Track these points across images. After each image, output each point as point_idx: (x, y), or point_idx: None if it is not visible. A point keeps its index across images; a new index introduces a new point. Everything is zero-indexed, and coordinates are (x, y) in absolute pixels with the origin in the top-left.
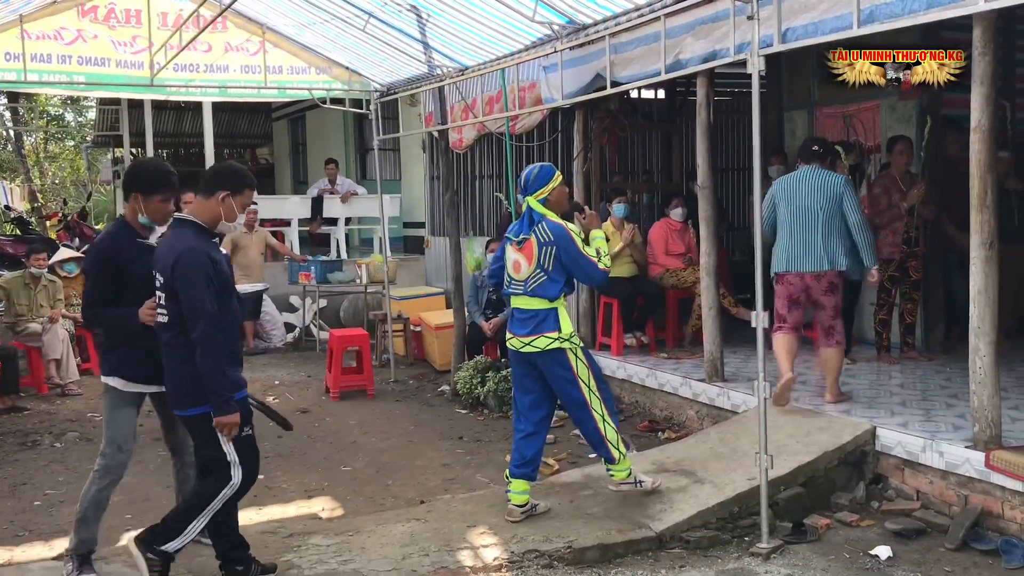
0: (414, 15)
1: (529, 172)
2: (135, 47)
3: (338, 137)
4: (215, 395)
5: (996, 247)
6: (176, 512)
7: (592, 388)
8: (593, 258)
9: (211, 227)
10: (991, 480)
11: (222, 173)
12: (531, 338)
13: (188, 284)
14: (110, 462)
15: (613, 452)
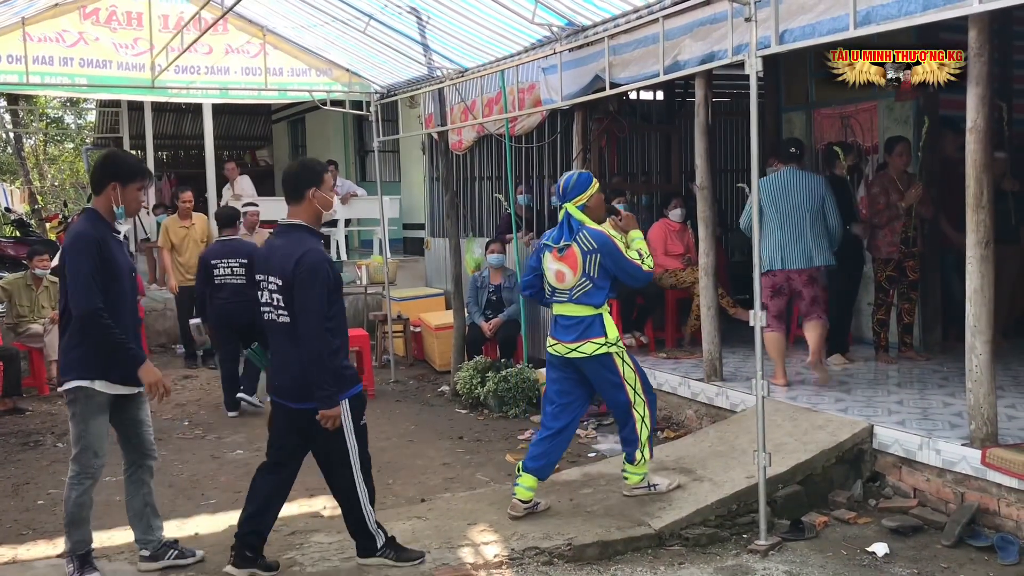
0: (414, 17)
1: (568, 179)
2: (136, 49)
3: (338, 139)
4: (319, 390)
5: (992, 246)
6: (351, 522)
7: (638, 391)
8: (637, 261)
9: (317, 225)
10: (987, 477)
11: (299, 174)
12: (577, 344)
13: (308, 283)
14: (86, 468)
15: (638, 454)
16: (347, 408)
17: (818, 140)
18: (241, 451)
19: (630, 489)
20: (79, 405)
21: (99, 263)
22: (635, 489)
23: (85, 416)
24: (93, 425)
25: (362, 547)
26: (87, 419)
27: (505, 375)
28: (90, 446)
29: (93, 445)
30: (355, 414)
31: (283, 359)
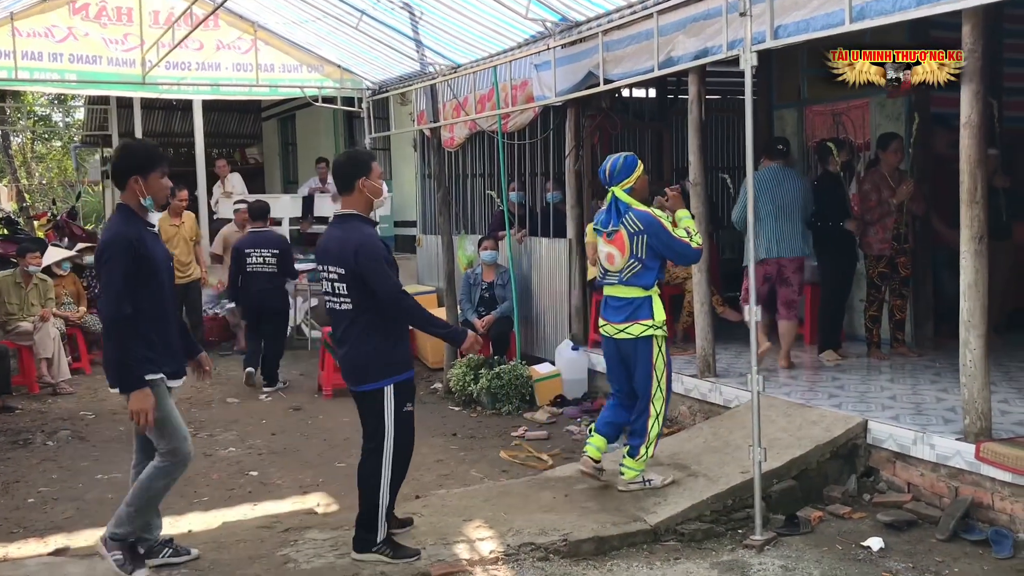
0: (407, 13)
1: (614, 163)
2: (127, 45)
3: (328, 136)
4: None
5: (986, 241)
6: (362, 511)
7: (661, 385)
8: (685, 239)
9: (368, 213)
10: (981, 472)
11: (347, 166)
12: (626, 325)
13: (374, 269)
14: (180, 456)
15: (643, 450)
16: (391, 392)
17: (809, 137)
18: (233, 448)
19: (625, 484)
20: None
21: (134, 264)
22: (631, 484)
23: (161, 408)
24: (172, 412)
25: (359, 539)
26: (164, 409)
27: (498, 372)
28: (176, 431)
29: (180, 429)
30: (399, 399)
31: (342, 344)
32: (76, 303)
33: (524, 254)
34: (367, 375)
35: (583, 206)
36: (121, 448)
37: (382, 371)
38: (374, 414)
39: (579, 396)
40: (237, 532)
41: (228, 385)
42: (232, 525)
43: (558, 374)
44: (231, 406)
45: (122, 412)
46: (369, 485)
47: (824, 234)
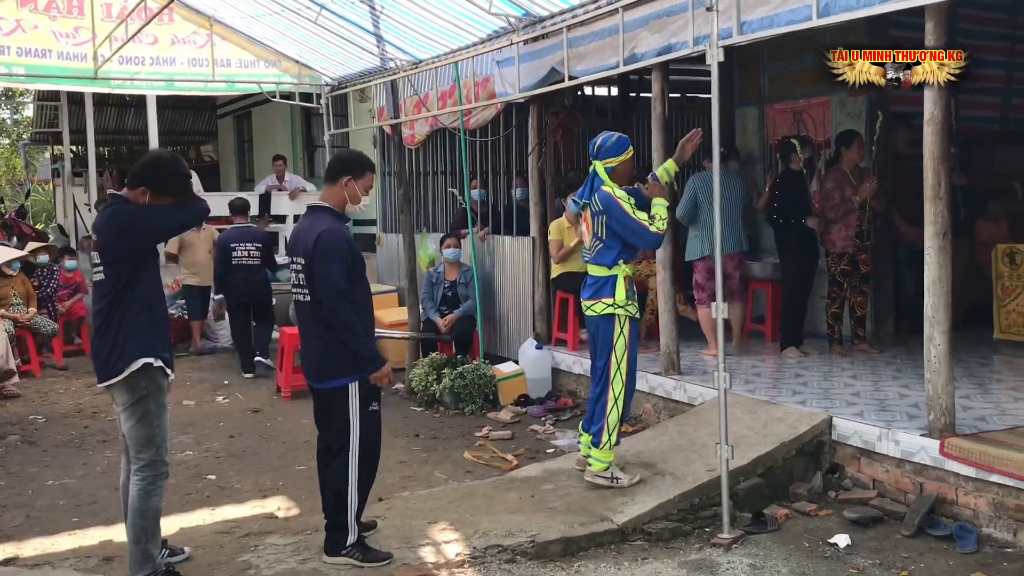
0: (367, 7)
1: (605, 139)
2: (78, 39)
3: (285, 134)
4: (360, 355)
5: (950, 237)
6: (329, 513)
7: (621, 368)
8: (644, 222)
9: (341, 210)
10: (945, 467)
11: (343, 160)
12: (591, 302)
13: (324, 261)
14: (161, 468)
15: (604, 436)
16: (355, 390)
17: (771, 135)
18: (190, 452)
19: (592, 475)
20: (150, 402)
21: None
22: (598, 476)
23: (158, 412)
24: (164, 420)
25: (329, 542)
26: (160, 415)
27: (461, 371)
28: (164, 443)
29: (166, 442)
30: (364, 398)
31: (305, 338)
32: (26, 304)
33: (487, 252)
34: (329, 371)
35: (547, 204)
36: (73, 453)
37: (345, 367)
38: (338, 413)
39: (543, 395)
40: (195, 538)
41: (184, 387)
42: (190, 531)
43: (522, 373)
44: (187, 408)
45: (74, 416)
46: (337, 487)
47: (786, 231)
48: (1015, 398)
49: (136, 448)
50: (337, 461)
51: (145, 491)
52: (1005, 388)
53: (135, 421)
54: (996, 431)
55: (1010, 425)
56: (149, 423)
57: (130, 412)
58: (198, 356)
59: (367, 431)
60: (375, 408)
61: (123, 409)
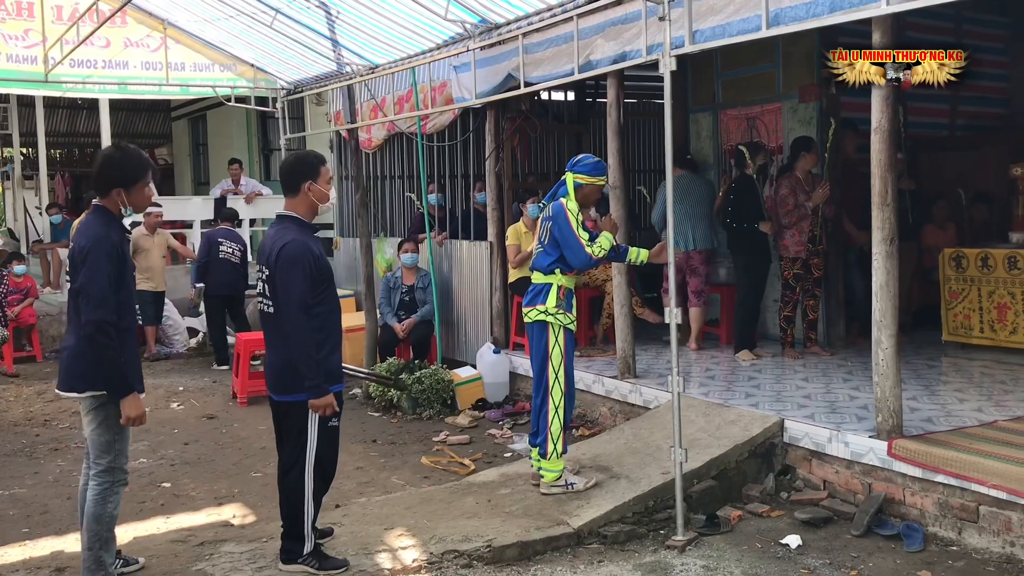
0: (323, 12)
1: (587, 157)
2: (28, 41)
3: (241, 137)
4: (306, 379)
5: (897, 243)
6: (287, 523)
7: (559, 377)
8: (583, 240)
9: (311, 218)
10: (893, 468)
11: (295, 167)
12: (528, 308)
13: (286, 273)
14: (120, 476)
15: (549, 446)
16: None
17: (725, 140)
18: (144, 459)
19: (547, 487)
20: (111, 407)
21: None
22: (552, 487)
23: (119, 417)
24: (126, 429)
25: (285, 551)
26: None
27: (419, 376)
28: (123, 450)
29: (126, 449)
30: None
31: (269, 348)
32: None
33: (445, 257)
34: (291, 385)
35: (504, 208)
36: (23, 462)
37: None
38: (296, 427)
39: (501, 399)
40: (149, 547)
41: None
42: (144, 540)
43: (479, 378)
44: None
45: (24, 424)
46: (293, 498)
47: (739, 235)
48: (960, 399)
49: (95, 453)
50: (293, 472)
51: (101, 496)
52: (951, 390)
53: (96, 425)
54: (941, 432)
55: (955, 426)
56: (109, 428)
57: (92, 416)
58: (152, 362)
59: (323, 446)
60: (335, 424)
61: (85, 413)
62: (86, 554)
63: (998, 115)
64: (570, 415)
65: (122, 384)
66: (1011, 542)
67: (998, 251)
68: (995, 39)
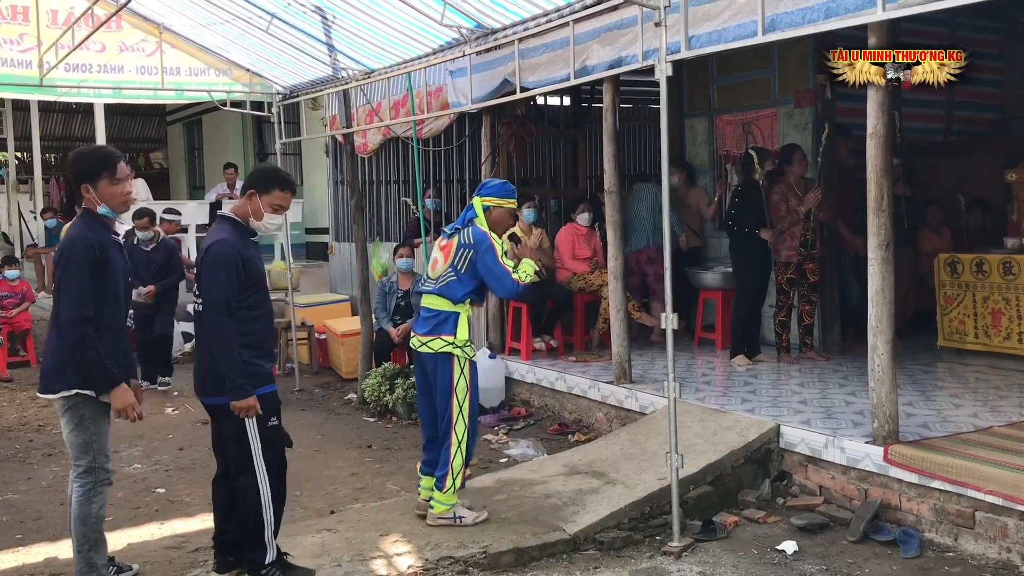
0: (319, 16)
1: (494, 180)
2: (23, 45)
3: (236, 141)
4: (228, 380)
5: (892, 248)
6: (246, 532)
7: (464, 411)
8: (509, 268)
9: (246, 223)
10: (889, 474)
11: (254, 174)
12: (428, 338)
13: (209, 272)
14: (102, 475)
15: (448, 481)
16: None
17: (720, 146)
18: (139, 465)
19: (434, 519)
20: (84, 409)
21: (95, 268)
22: (440, 519)
23: (94, 418)
24: (102, 426)
25: (248, 561)
26: (96, 421)
27: (414, 381)
28: (102, 450)
29: (104, 448)
30: (260, 415)
31: (198, 350)
32: None
33: None
34: (218, 387)
35: None
36: (17, 468)
37: None
38: (233, 431)
39: (496, 405)
40: (144, 553)
41: None
42: (138, 546)
43: None
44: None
45: (18, 429)
46: (249, 506)
47: (741, 240)
48: (956, 405)
49: (74, 454)
50: (243, 479)
51: (85, 497)
52: (947, 395)
53: (72, 427)
54: (938, 438)
55: (951, 432)
56: (85, 429)
57: (67, 418)
58: None
59: (268, 448)
60: (275, 423)
61: (61, 415)
62: (76, 556)
63: (993, 120)
64: (473, 450)
65: (104, 378)
66: (1007, 548)
67: (993, 256)
68: (990, 44)
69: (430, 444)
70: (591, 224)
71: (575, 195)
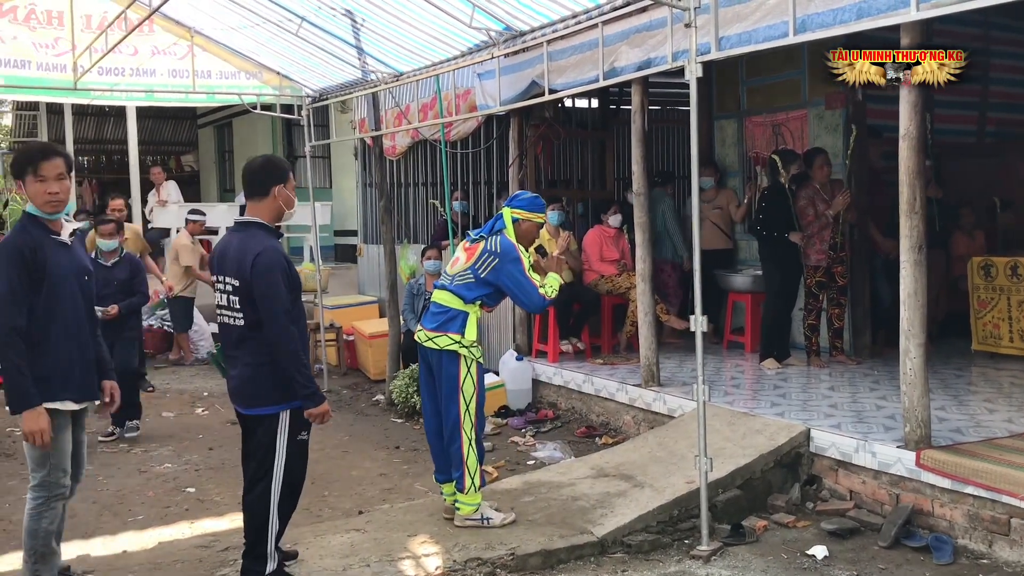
0: (348, 20)
1: (524, 193)
2: (57, 49)
3: (266, 144)
4: (302, 388)
5: (925, 251)
6: (249, 540)
7: (471, 410)
8: (536, 282)
9: (275, 225)
10: (922, 479)
11: (266, 170)
12: (435, 334)
13: (268, 282)
14: (56, 490)
15: (467, 481)
16: (286, 419)
17: (750, 147)
18: (169, 464)
19: (462, 520)
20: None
21: (25, 273)
22: (467, 520)
23: (54, 433)
24: (61, 441)
25: (247, 570)
26: (56, 436)
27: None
28: (59, 464)
29: (62, 463)
30: (293, 427)
31: (232, 363)
32: None
33: None
34: (260, 398)
35: None
36: None
37: (276, 394)
38: (264, 441)
39: (523, 407)
40: (174, 552)
41: (163, 399)
42: (168, 545)
43: (502, 384)
44: (167, 420)
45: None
46: (257, 514)
47: (770, 244)
48: (990, 410)
49: (31, 466)
50: (259, 487)
51: (36, 511)
52: (980, 400)
53: None
54: (971, 443)
55: (985, 437)
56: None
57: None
58: (178, 367)
59: (293, 461)
60: (304, 437)
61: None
62: (23, 567)
63: None
64: (482, 449)
65: (17, 396)
66: None
67: None
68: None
69: (433, 438)
70: (621, 226)
71: (603, 197)
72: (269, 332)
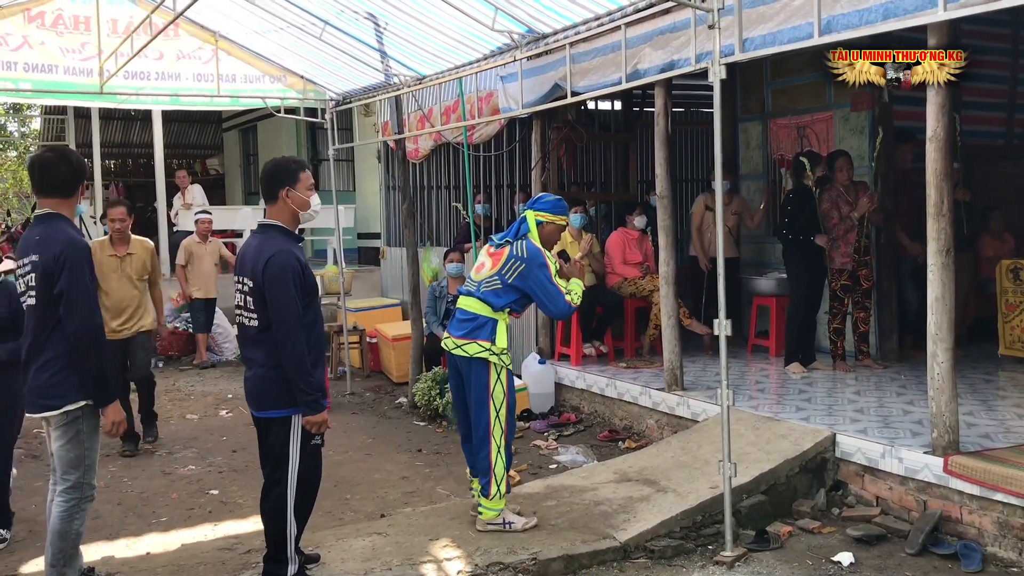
0: (371, 23)
1: (547, 196)
2: (84, 54)
3: (290, 147)
4: (302, 394)
5: (953, 254)
6: (269, 545)
7: (500, 416)
8: (563, 288)
9: (293, 226)
10: (949, 485)
11: (272, 173)
12: (464, 342)
13: (278, 286)
14: (88, 492)
15: (493, 488)
16: (298, 423)
17: (774, 150)
18: (193, 466)
19: (484, 525)
20: (83, 423)
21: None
22: (489, 525)
23: (90, 434)
24: (96, 442)
25: (267, 574)
26: (92, 437)
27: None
28: (93, 466)
29: (95, 464)
30: (306, 431)
31: (248, 364)
32: None
33: None
34: (272, 401)
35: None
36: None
37: (290, 398)
38: (277, 445)
39: (546, 410)
40: (197, 554)
41: (187, 401)
42: (192, 547)
43: (525, 388)
44: (190, 422)
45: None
46: (275, 519)
47: (795, 247)
48: (1019, 415)
49: (63, 468)
50: (274, 493)
51: (68, 513)
52: (1009, 405)
53: (65, 441)
54: (1000, 449)
55: (1014, 443)
56: (80, 444)
57: (62, 432)
58: (201, 369)
59: (306, 465)
60: (317, 442)
61: (54, 428)
62: (48, 571)
63: None
64: (511, 455)
65: (104, 391)
66: None
67: None
68: None
69: (466, 444)
70: (644, 228)
71: (625, 200)
72: (275, 334)
